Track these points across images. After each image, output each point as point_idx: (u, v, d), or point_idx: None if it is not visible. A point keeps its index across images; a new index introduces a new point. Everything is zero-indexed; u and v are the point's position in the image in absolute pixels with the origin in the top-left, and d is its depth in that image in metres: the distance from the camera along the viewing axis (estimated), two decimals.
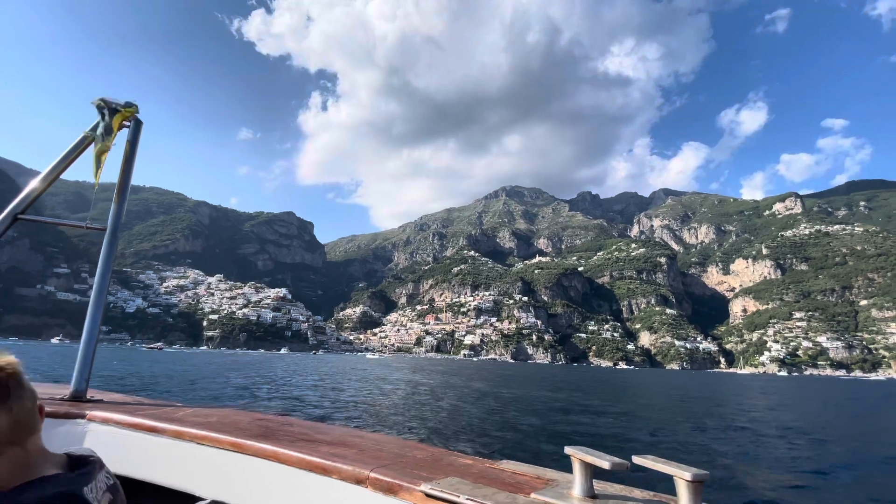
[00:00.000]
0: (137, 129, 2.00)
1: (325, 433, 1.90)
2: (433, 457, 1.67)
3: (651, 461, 1.24)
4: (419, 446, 1.84)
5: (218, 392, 23.04)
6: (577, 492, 1.30)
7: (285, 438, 1.69)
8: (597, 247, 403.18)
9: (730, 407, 31.10)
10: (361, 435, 1.95)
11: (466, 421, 17.37)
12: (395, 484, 1.32)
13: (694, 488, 1.15)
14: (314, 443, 1.68)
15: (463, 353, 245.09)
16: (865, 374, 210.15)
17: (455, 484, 1.33)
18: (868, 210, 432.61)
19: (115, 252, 1.99)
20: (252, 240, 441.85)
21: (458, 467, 1.57)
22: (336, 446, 1.65)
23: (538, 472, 1.57)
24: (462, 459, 1.69)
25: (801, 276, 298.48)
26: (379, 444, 1.77)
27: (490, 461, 1.68)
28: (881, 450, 16.03)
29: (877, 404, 40.98)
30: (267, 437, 1.67)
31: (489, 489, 1.32)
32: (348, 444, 1.72)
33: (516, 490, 1.35)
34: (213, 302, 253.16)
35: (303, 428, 1.94)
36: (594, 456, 1.25)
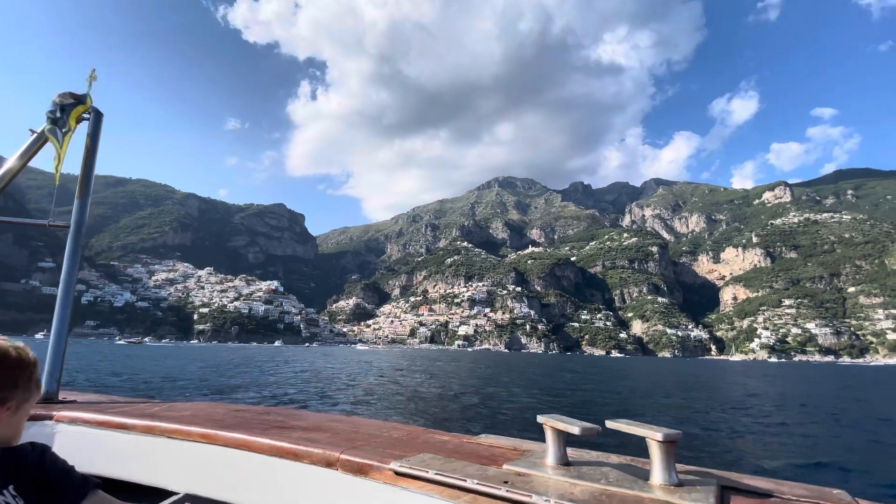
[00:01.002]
0: (98, 121, 1.96)
1: (302, 419, 1.91)
2: (410, 436, 1.69)
3: (624, 424, 1.24)
4: (397, 426, 1.87)
5: (201, 386, 22.35)
6: (550, 460, 1.31)
7: (259, 427, 1.70)
8: (589, 237, 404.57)
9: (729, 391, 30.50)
10: (340, 419, 1.97)
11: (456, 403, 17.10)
12: (365, 464, 1.33)
13: (666, 448, 1.16)
14: (288, 429, 1.69)
15: (457, 343, 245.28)
16: (853, 359, 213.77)
17: (426, 460, 1.33)
18: (855, 198, 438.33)
19: (81, 249, 1.96)
20: (242, 232, 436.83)
21: (434, 444, 1.58)
22: (310, 431, 1.66)
23: (515, 443, 1.60)
24: (439, 436, 1.71)
25: (791, 264, 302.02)
26: (356, 427, 1.79)
27: (468, 436, 1.71)
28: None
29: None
30: (240, 427, 1.67)
31: (461, 463, 1.33)
32: (324, 428, 1.73)
33: (490, 462, 1.36)
34: (203, 295, 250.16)
35: (280, 416, 1.96)
36: (565, 423, 1.25)
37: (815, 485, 1.23)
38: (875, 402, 26.72)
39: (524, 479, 1.19)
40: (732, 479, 1.25)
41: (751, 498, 1.14)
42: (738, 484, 1.22)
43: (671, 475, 1.15)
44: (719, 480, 1.22)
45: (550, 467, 1.28)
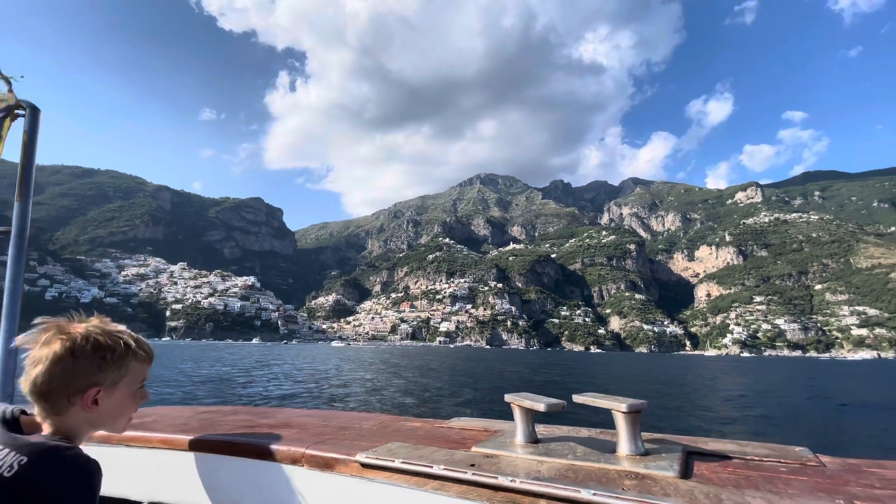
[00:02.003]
0: (35, 117, 1.78)
1: (271, 417, 1.86)
2: (381, 425, 1.66)
3: (590, 398, 1.25)
4: (369, 416, 1.82)
5: (173, 388, 20.79)
6: (519, 438, 1.30)
7: (224, 428, 1.63)
8: (569, 234, 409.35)
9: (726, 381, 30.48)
10: (310, 414, 1.93)
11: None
12: (330, 458, 1.30)
13: (631, 419, 1.17)
14: (255, 428, 1.65)
15: (438, 339, 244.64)
16: (820, 354, 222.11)
17: (393, 449, 1.31)
18: (822, 199, 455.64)
19: (25, 255, 1.80)
20: (218, 226, 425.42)
21: (405, 432, 1.55)
22: (279, 429, 1.62)
23: (486, 424, 1.59)
24: (411, 423, 1.69)
25: (761, 262, 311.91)
26: (326, 421, 1.74)
27: (441, 421, 1.68)
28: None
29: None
30: (204, 430, 1.60)
31: (429, 449, 1.31)
32: (292, 425, 1.69)
33: (459, 446, 1.35)
34: (176, 291, 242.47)
35: (248, 415, 1.90)
36: (531, 400, 1.25)
37: (777, 444, 1.26)
38: (836, 391, 27.53)
39: (491, 461, 1.19)
40: (697, 444, 1.28)
41: (714, 462, 1.17)
42: (703, 449, 1.25)
43: (637, 445, 1.17)
44: (684, 447, 1.25)
45: (519, 446, 1.28)
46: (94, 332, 0.95)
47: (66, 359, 0.92)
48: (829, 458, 1.16)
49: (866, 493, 0.92)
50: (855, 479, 1.01)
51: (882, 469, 1.07)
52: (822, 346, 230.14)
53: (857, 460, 1.08)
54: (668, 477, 1.03)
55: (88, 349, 0.92)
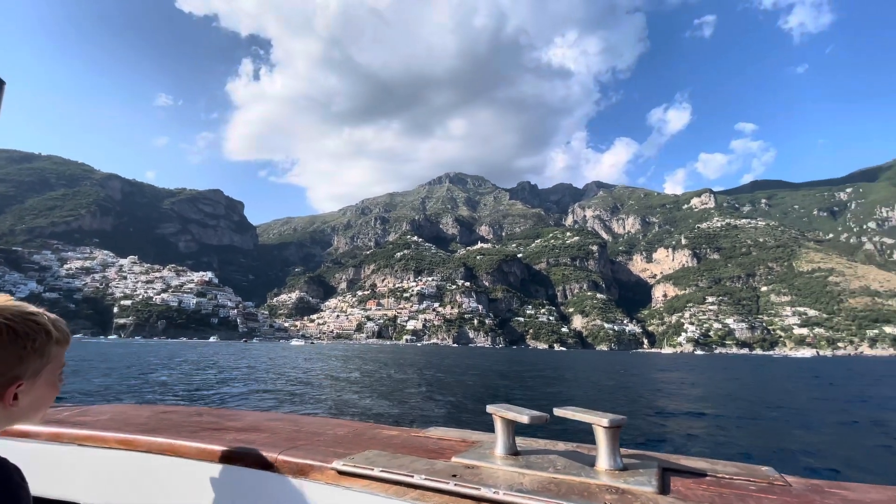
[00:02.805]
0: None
1: (239, 420, 1.77)
2: (355, 432, 1.61)
3: (571, 412, 1.24)
4: (342, 423, 1.76)
5: (131, 386, 19.09)
6: (499, 450, 1.29)
7: (188, 430, 1.54)
8: (535, 235, 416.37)
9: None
10: (280, 417, 1.85)
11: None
12: (305, 464, 1.24)
13: (611, 434, 1.17)
14: (222, 431, 1.55)
15: (405, 338, 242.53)
16: (765, 351, 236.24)
17: (371, 457, 1.27)
18: (768, 207, 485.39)
19: None
20: (173, 219, 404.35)
21: (381, 440, 1.50)
22: (247, 432, 1.54)
23: (464, 435, 1.55)
24: (386, 431, 1.63)
25: (713, 265, 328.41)
26: (297, 426, 1.67)
27: (417, 430, 1.65)
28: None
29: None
30: (166, 431, 1.50)
31: (408, 458, 1.27)
32: (262, 428, 1.61)
33: (438, 456, 1.32)
34: (125, 286, 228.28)
35: (213, 417, 1.80)
36: (514, 412, 1.23)
37: (745, 462, 1.29)
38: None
39: (473, 472, 1.17)
40: (672, 460, 1.29)
41: (689, 478, 1.18)
42: (678, 465, 1.26)
43: (616, 460, 1.17)
44: (660, 462, 1.25)
45: (499, 458, 1.26)
46: (9, 320, 0.81)
47: None
48: (793, 478, 1.19)
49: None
50: (820, 499, 1.04)
51: (844, 490, 1.10)
52: (766, 345, 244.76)
53: (820, 481, 1.15)
54: (647, 492, 1.03)
55: (6, 339, 0.80)
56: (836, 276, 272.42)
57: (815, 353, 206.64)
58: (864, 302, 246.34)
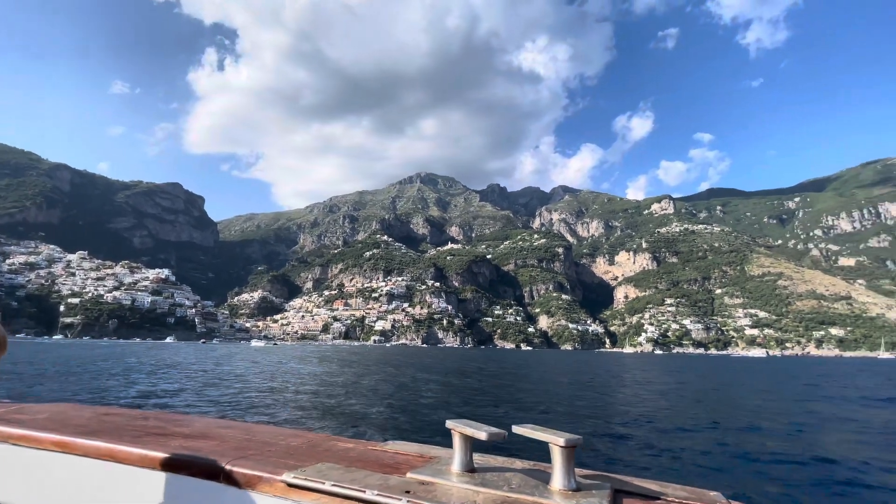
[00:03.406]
0: None
1: (187, 426, 1.67)
2: (310, 443, 1.54)
3: (529, 430, 1.23)
4: (296, 433, 1.69)
5: (69, 385, 18.44)
6: (455, 467, 1.27)
7: (131, 434, 1.45)
8: (504, 236, 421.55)
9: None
10: (231, 425, 1.76)
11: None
12: (253, 476, 1.19)
13: (567, 453, 1.16)
14: (168, 437, 1.47)
15: (373, 339, 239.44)
16: (719, 351, 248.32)
17: (323, 470, 1.22)
18: (723, 213, 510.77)
19: None
20: (127, 213, 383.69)
21: (336, 452, 1.45)
22: (194, 439, 1.46)
23: (423, 450, 1.52)
24: (342, 444, 1.58)
25: (672, 268, 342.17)
26: (249, 434, 1.61)
27: (374, 443, 1.60)
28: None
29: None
30: (106, 434, 1.41)
31: (361, 472, 1.23)
32: (211, 436, 1.53)
33: (393, 471, 1.29)
34: (73, 283, 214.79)
35: (161, 421, 1.71)
36: (473, 428, 1.22)
37: (695, 486, 1.29)
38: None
39: (427, 488, 1.15)
40: (625, 481, 1.29)
41: (639, 500, 1.17)
42: (630, 486, 1.26)
43: (570, 480, 1.17)
44: (613, 483, 1.25)
45: (455, 474, 1.24)
46: None
47: None
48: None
49: None
50: None
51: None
52: (720, 345, 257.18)
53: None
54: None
55: None
56: (784, 280, 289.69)
57: (766, 353, 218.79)
58: (810, 305, 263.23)
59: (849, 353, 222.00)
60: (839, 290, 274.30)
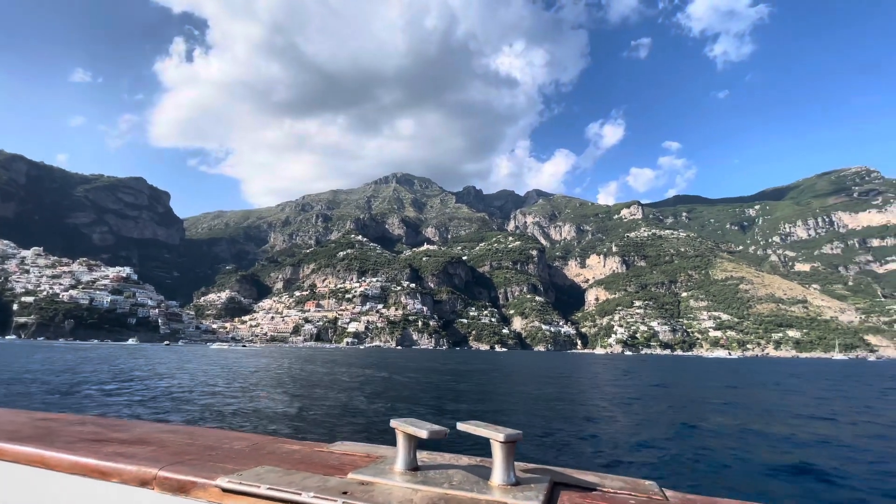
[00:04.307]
0: None
1: (126, 430, 1.61)
2: (254, 447, 1.50)
3: (472, 426, 1.24)
4: (242, 436, 1.65)
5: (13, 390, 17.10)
6: (399, 465, 1.27)
7: (64, 440, 1.39)
8: (479, 238, 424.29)
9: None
10: (174, 429, 1.69)
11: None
12: (187, 482, 1.16)
13: (507, 448, 1.18)
14: (102, 443, 1.40)
15: (346, 340, 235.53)
16: (685, 352, 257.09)
17: (261, 473, 1.20)
18: (688, 220, 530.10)
19: None
20: (86, 208, 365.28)
21: (280, 455, 1.42)
22: (130, 445, 1.40)
23: (370, 450, 1.50)
24: (289, 445, 1.55)
25: (641, 271, 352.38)
26: (192, 439, 1.54)
27: (322, 444, 1.57)
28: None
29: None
30: (38, 440, 1.36)
31: (301, 474, 1.21)
32: (149, 441, 1.47)
33: (336, 471, 1.27)
34: (27, 281, 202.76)
35: (98, 426, 1.63)
36: (415, 427, 1.22)
37: (631, 476, 1.31)
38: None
39: (366, 489, 1.14)
40: (565, 474, 1.30)
41: (577, 492, 1.19)
42: (569, 479, 1.27)
43: (509, 475, 1.18)
44: (553, 476, 1.27)
45: (398, 473, 1.23)
46: None
47: None
48: (672, 493, 1.23)
49: None
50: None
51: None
52: (686, 346, 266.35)
53: (696, 496, 1.18)
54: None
55: None
56: (745, 284, 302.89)
57: (727, 353, 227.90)
58: (769, 308, 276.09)
59: (804, 354, 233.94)
60: (796, 294, 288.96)
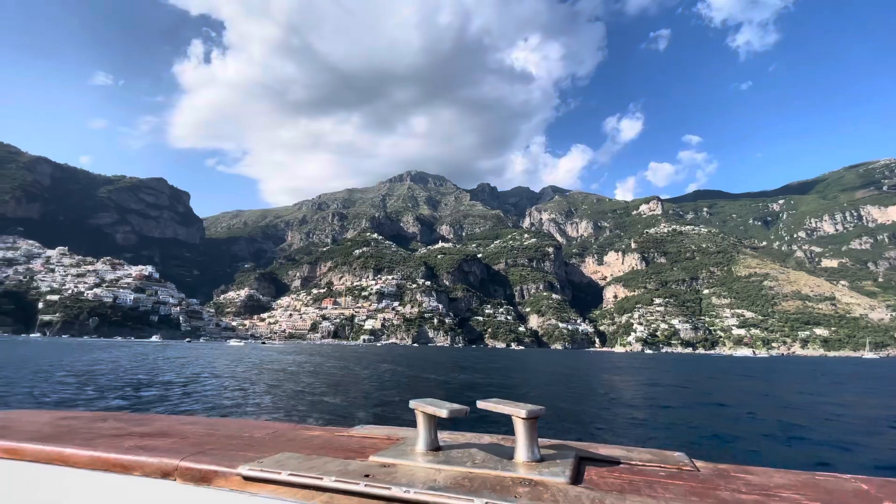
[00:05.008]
0: None
1: (147, 424, 1.63)
2: (275, 434, 1.52)
3: (492, 404, 1.23)
4: (263, 425, 1.67)
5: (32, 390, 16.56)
6: (420, 446, 1.27)
7: (85, 437, 1.41)
8: (494, 235, 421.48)
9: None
10: (195, 421, 1.71)
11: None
12: (208, 471, 1.17)
13: (529, 425, 1.17)
14: (124, 437, 1.43)
15: (363, 338, 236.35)
16: (707, 350, 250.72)
17: (282, 460, 1.20)
18: (709, 215, 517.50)
19: None
20: (109, 208, 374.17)
21: (300, 441, 1.43)
22: (151, 438, 1.42)
23: (390, 432, 1.51)
24: (309, 432, 1.56)
25: (661, 268, 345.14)
26: (213, 429, 1.56)
27: (342, 429, 1.60)
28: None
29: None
30: (59, 439, 1.37)
31: (322, 459, 1.21)
32: (170, 433, 1.50)
33: (357, 455, 1.28)
34: (53, 280, 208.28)
35: (119, 422, 1.66)
36: (435, 406, 1.22)
37: (660, 449, 1.30)
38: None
39: (388, 470, 1.14)
40: (589, 449, 1.29)
41: (603, 466, 1.19)
42: (594, 454, 1.26)
43: (533, 451, 1.17)
44: (577, 452, 1.25)
45: (420, 454, 1.23)
46: None
47: None
48: (702, 463, 1.22)
49: (734, 497, 0.99)
50: (724, 483, 1.07)
51: (747, 475, 1.12)
52: (708, 344, 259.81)
53: (727, 466, 1.17)
54: (559, 483, 1.04)
55: None
56: (770, 280, 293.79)
57: (752, 352, 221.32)
58: (795, 305, 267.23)
59: (833, 353, 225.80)
60: (823, 290, 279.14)
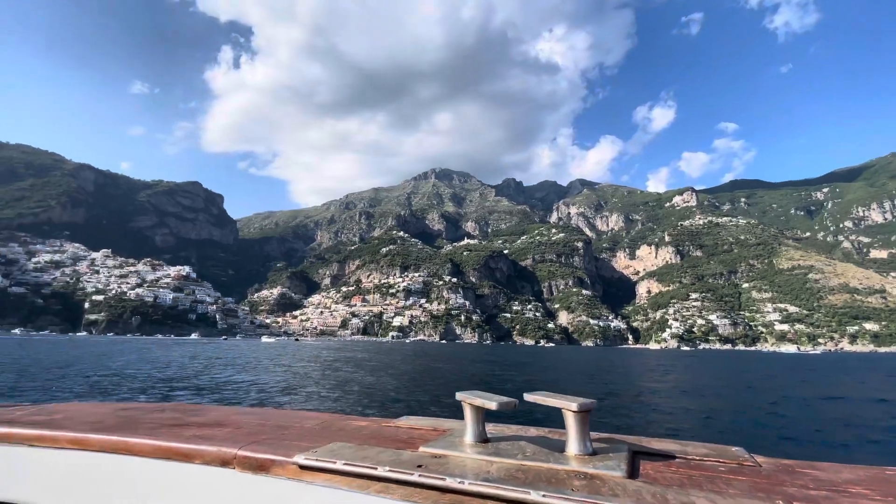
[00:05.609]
0: None
1: (203, 415, 1.67)
2: (323, 424, 1.55)
3: (541, 397, 1.22)
4: (311, 415, 1.69)
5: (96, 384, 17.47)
6: (468, 438, 1.26)
7: (146, 427, 1.46)
8: (520, 231, 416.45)
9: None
10: (248, 412, 1.76)
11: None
12: (266, 460, 1.19)
13: (580, 418, 1.15)
14: (182, 427, 1.47)
15: (391, 334, 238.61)
16: (747, 347, 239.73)
17: (335, 450, 1.22)
18: (747, 206, 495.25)
19: None
20: (149, 211, 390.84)
21: (349, 431, 1.46)
22: (208, 428, 1.46)
23: (435, 423, 1.52)
24: (356, 422, 1.59)
25: (697, 262, 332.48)
26: (264, 420, 1.61)
27: (388, 420, 1.61)
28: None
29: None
30: (121, 429, 1.42)
31: (374, 449, 1.22)
32: (226, 423, 1.54)
33: (407, 445, 1.28)
34: (97, 281, 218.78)
35: (176, 413, 1.71)
36: (483, 398, 1.22)
37: (715, 443, 1.26)
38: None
39: (440, 461, 1.13)
40: (643, 443, 1.27)
41: (659, 461, 1.16)
42: (648, 448, 1.24)
43: (585, 445, 1.16)
44: (630, 446, 1.23)
45: (469, 445, 1.23)
46: None
47: None
48: (763, 459, 1.19)
49: (802, 493, 0.94)
50: (790, 479, 1.03)
51: (814, 470, 1.09)
52: (748, 340, 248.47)
53: (790, 461, 1.14)
54: (615, 477, 1.02)
55: None
56: (815, 273, 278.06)
57: (797, 348, 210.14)
58: (843, 299, 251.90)
59: (884, 349, 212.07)
60: (873, 283, 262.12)
